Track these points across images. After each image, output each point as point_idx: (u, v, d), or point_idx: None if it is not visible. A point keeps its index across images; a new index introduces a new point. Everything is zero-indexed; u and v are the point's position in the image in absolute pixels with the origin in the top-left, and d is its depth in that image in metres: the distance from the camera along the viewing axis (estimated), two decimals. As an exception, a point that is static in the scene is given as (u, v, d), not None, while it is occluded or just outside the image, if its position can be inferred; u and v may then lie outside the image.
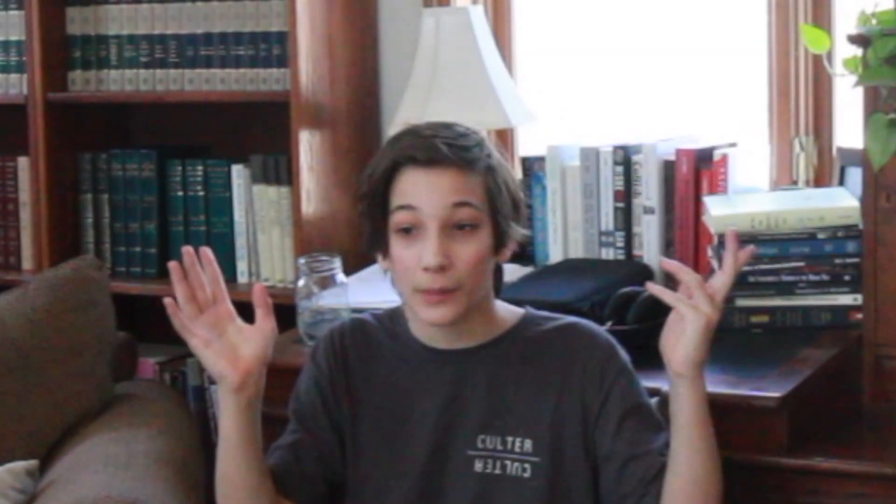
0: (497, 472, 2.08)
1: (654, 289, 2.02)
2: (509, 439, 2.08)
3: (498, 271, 2.16)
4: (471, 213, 2.05)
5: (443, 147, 2.04)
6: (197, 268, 2.07)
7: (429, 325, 2.08)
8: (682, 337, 1.98)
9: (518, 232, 2.12)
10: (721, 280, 2.01)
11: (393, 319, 2.19)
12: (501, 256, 2.11)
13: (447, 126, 2.10)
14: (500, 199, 2.07)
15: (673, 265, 2.03)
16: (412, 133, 2.09)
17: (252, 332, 2.08)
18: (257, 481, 2.09)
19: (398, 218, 2.05)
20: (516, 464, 2.07)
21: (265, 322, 2.09)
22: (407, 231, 2.05)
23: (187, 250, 2.08)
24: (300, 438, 2.16)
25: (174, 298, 2.06)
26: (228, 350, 2.06)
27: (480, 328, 2.12)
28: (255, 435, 2.09)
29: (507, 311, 2.16)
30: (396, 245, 2.06)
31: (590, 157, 2.99)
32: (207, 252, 2.08)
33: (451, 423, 2.10)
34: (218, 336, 2.06)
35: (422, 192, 2.04)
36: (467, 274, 2.04)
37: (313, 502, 2.15)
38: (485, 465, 2.09)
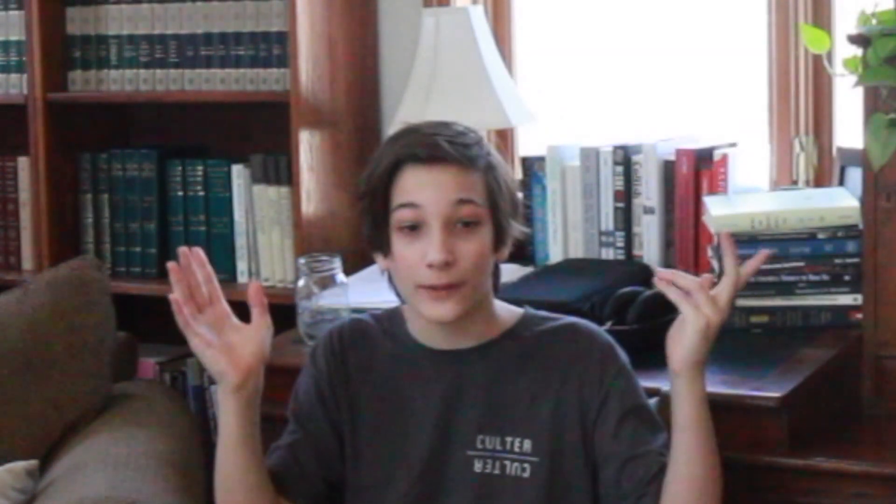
0: (496, 472, 2.08)
1: (661, 284, 2.01)
2: (508, 439, 2.08)
3: (495, 271, 2.15)
4: (473, 210, 2.05)
5: (445, 145, 2.04)
6: (194, 268, 2.07)
7: (432, 322, 2.08)
8: (683, 336, 1.98)
9: (517, 229, 2.12)
10: (724, 283, 2.00)
11: (392, 320, 2.19)
12: (500, 255, 2.12)
13: (445, 125, 2.10)
14: (501, 196, 2.08)
15: (668, 274, 2.02)
16: (412, 131, 2.09)
17: (250, 331, 2.08)
18: (257, 480, 2.09)
19: (401, 215, 2.05)
20: (515, 464, 2.07)
21: (261, 320, 2.09)
22: (409, 229, 2.05)
23: (183, 251, 2.08)
24: (299, 439, 2.16)
25: (175, 299, 2.06)
26: (228, 349, 2.06)
27: (479, 328, 2.12)
28: (255, 434, 2.09)
29: (506, 311, 2.16)
30: (399, 243, 2.06)
31: (590, 157, 2.99)
32: (199, 253, 2.08)
33: (450, 424, 2.10)
34: (217, 335, 2.06)
35: (424, 190, 2.04)
36: (470, 270, 2.04)
37: (313, 502, 2.15)
38: (484, 465, 2.08)
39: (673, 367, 1.99)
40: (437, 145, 2.04)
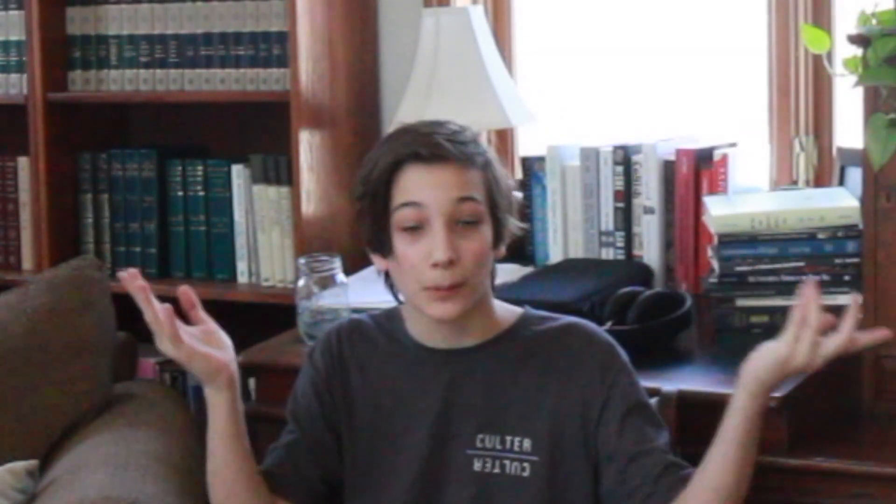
0: (496, 471, 2.08)
1: (802, 295, 1.94)
2: (508, 438, 2.08)
3: (492, 270, 2.15)
4: (473, 208, 2.05)
5: (445, 143, 2.04)
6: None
7: (436, 321, 2.07)
8: (769, 350, 1.95)
9: (514, 226, 2.12)
10: (834, 339, 1.93)
11: (390, 320, 2.19)
12: (498, 252, 2.11)
13: (440, 123, 2.10)
14: (499, 193, 2.08)
15: (812, 295, 1.93)
16: (410, 131, 2.09)
17: (205, 329, 2.09)
18: (249, 471, 2.11)
19: (403, 215, 2.05)
20: (515, 463, 2.07)
21: (201, 317, 2.09)
22: (411, 229, 2.05)
23: (130, 272, 2.05)
24: (297, 439, 2.16)
25: (166, 308, 2.04)
26: (207, 350, 2.06)
27: (479, 327, 2.12)
28: (245, 429, 2.11)
29: (506, 311, 2.16)
30: (400, 243, 2.06)
31: (590, 157, 2.99)
32: (134, 271, 2.06)
33: (449, 423, 2.10)
34: (195, 341, 2.07)
35: (426, 189, 2.04)
36: (473, 269, 2.04)
37: (311, 503, 2.15)
38: (483, 464, 2.08)
39: (741, 371, 1.97)
40: (437, 144, 2.04)
